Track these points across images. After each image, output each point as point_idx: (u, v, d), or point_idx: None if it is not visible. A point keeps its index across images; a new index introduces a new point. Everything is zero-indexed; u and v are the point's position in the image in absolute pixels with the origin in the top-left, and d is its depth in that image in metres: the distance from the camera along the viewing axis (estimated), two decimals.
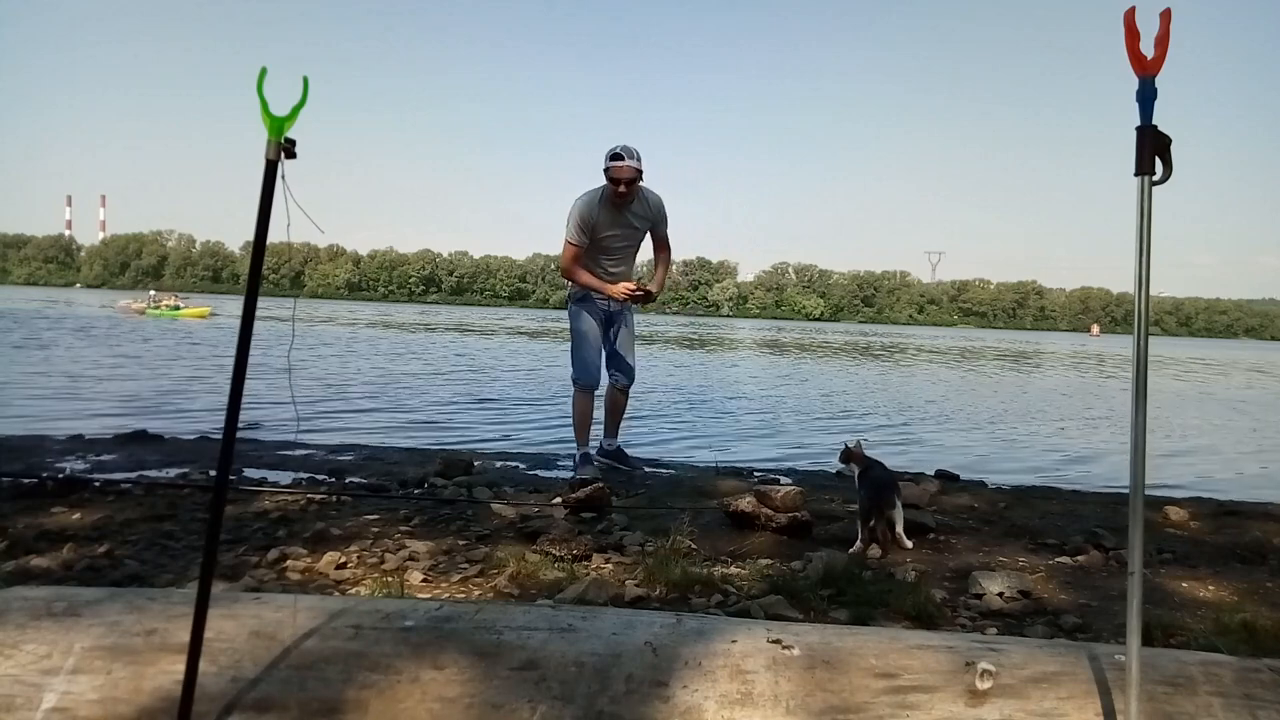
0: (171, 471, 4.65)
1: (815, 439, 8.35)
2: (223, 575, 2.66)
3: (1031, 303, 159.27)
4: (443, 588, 2.71)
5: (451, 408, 9.70)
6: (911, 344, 45.34)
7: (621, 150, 4.56)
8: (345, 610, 1.65)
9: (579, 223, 4.66)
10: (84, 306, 43.23)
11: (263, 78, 1.41)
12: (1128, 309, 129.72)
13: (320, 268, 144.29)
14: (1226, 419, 12.59)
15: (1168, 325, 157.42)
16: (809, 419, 10.20)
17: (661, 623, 1.64)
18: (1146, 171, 1.41)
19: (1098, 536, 3.62)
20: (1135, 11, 1.36)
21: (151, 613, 1.62)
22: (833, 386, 15.51)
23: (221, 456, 1.45)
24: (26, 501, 3.65)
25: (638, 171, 4.63)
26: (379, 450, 6.09)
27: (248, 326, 1.46)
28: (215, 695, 1.47)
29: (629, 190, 4.63)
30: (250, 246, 1.46)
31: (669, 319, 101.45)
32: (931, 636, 1.66)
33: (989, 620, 2.60)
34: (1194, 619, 2.63)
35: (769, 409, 11.08)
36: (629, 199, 4.69)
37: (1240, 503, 5.07)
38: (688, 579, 2.75)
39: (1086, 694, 1.46)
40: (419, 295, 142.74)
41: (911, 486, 4.31)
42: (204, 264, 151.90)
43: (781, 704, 1.45)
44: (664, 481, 4.99)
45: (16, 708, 1.45)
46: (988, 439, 9.18)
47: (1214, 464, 8.04)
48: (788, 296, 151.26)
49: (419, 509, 3.78)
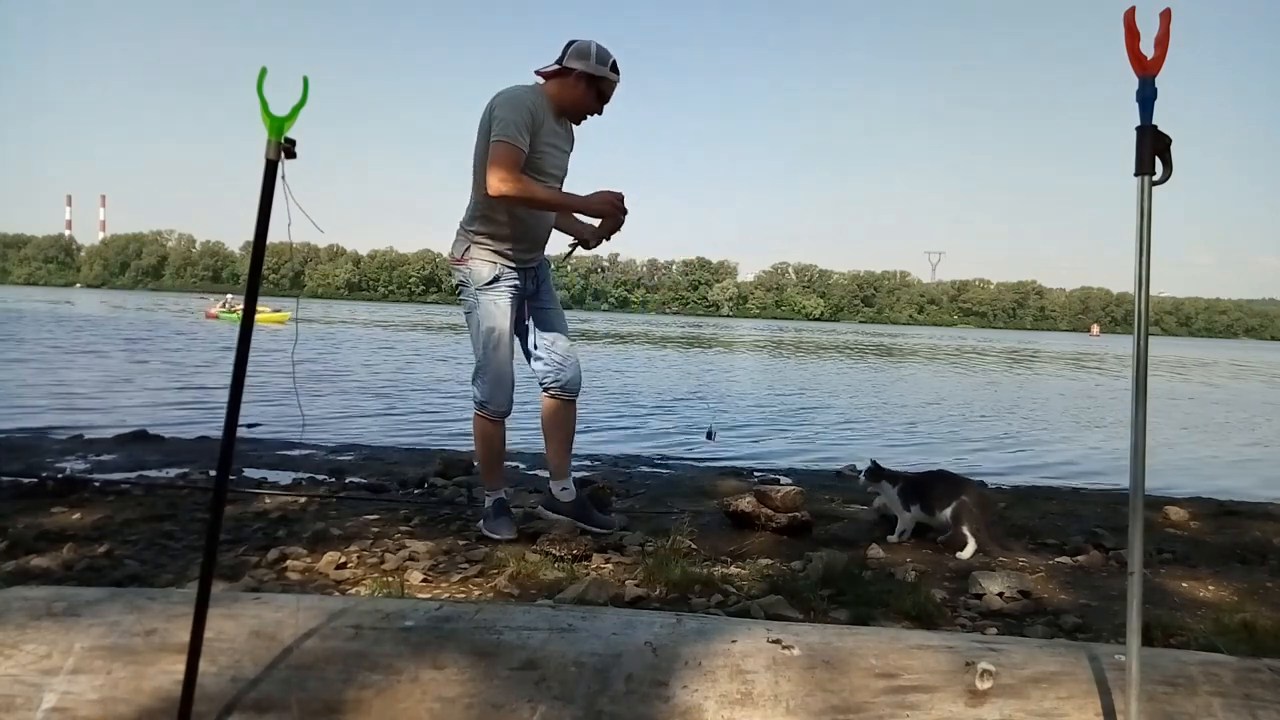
0: (171, 471, 4.65)
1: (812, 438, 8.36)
2: (223, 575, 2.66)
3: (1031, 303, 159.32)
4: (443, 588, 2.71)
5: (451, 407, 9.71)
6: (913, 344, 45.34)
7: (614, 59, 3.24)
8: (345, 610, 1.65)
9: (523, 120, 3.06)
10: (166, 311, 41.86)
11: (263, 78, 1.41)
12: (1128, 309, 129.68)
13: (320, 268, 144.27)
14: (1215, 416, 12.59)
15: (1168, 325, 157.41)
16: (809, 420, 10.21)
17: (661, 623, 1.64)
18: (1146, 171, 1.41)
19: (1098, 536, 3.63)
20: (1135, 11, 1.36)
21: (151, 613, 1.62)
22: (836, 387, 15.51)
23: (221, 456, 1.45)
24: (26, 501, 3.65)
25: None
26: (379, 450, 6.10)
27: (248, 326, 1.46)
28: (215, 695, 1.47)
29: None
30: (250, 246, 1.46)
31: (670, 319, 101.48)
32: (931, 636, 1.66)
33: (989, 620, 2.60)
34: (1194, 619, 2.63)
35: (769, 409, 11.08)
36: (580, 120, 3.34)
37: (1240, 503, 5.07)
38: (688, 579, 2.75)
39: (1086, 694, 1.46)
40: (419, 295, 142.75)
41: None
42: (204, 264, 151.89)
43: (781, 704, 1.45)
44: (664, 481, 4.99)
45: (16, 708, 1.45)
46: (989, 439, 9.18)
47: (1214, 464, 8.05)
48: (788, 296, 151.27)
49: (419, 509, 3.78)
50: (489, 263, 3.20)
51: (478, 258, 3.21)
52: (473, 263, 3.20)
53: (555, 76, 3.21)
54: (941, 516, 3.36)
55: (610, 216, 3.26)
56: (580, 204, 3.23)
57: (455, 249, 3.27)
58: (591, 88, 3.20)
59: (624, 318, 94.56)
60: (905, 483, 3.44)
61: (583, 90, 3.19)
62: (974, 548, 3.29)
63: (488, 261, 3.20)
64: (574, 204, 3.24)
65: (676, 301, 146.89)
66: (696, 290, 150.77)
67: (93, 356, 14.62)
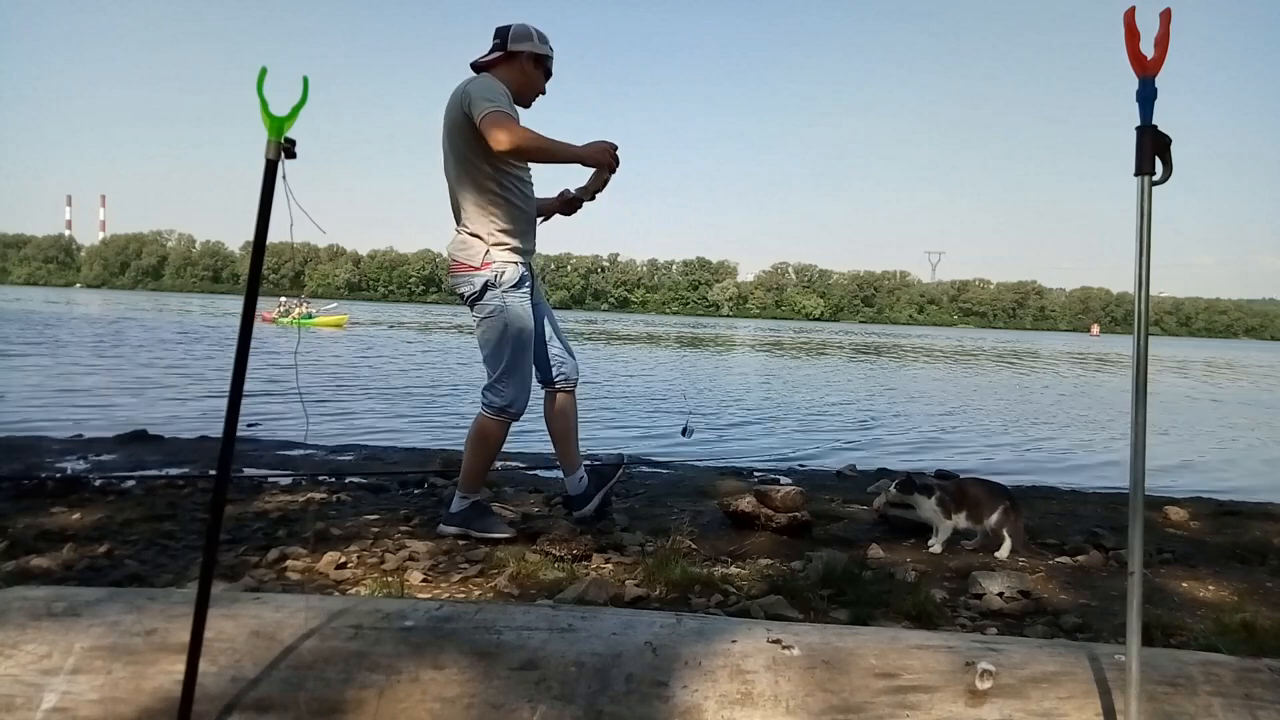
0: (171, 471, 4.64)
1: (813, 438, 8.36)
2: (223, 575, 2.66)
3: (1031, 303, 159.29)
4: (443, 588, 2.71)
5: (452, 406, 9.71)
6: (913, 344, 45.33)
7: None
8: (345, 610, 1.64)
9: (507, 97, 3.08)
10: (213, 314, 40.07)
11: (263, 78, 1.41)
12: (1128, 309, 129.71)
13: (320, 268, 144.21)
14: (1215, 416, 12.59)
15: (1168, 325, 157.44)
16: (808, 420, 10.21)
17: (661, 623, 1.64)
18: (1146, 171, 1.41)
19: (1098, 536, 3.63)
20: (1135, 11, 1.36)
21: (151, 613, 1.62)
22: (836, 386, 15.51)
23: (221, 456, 1.45)
24: (26, 501, 3.65)
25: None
26: (379, 450, 6.10)
27: (248, 326, 1.46)
28: (215, 695, 1.47)
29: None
30: (250, 246, 1.46)
31: (670, 319, 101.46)
32: (931, 636, 1.66)
33: (989, 620, 2.59)
34: (1194, 619, 2.63)
35: (772, 410, 11.09)
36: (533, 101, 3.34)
37: (1240, 503, 5.07)
38: (688, 579, 2.75)
39: (1086, 694, 1.46)
40: (419, 295, 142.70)
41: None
42: (204, 264, 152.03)
43: (781, 704, 1.45)
44: (664, 481, 4.99)
45: (16, 708, 1.45)
46: (989, 438, 9.18)
47: (1214, 464, 8.05)
48: (788, 296, 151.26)
49: (419, 509, 3.78)
50: (514, 263, 3.17)
51: (500, 259, 3.14)
52: (498, 265, 3.13)
53: (500, 64, 3.21)
54: (988, 524, 3.37)
55: (605, 166, 3.26)
56: (578, 153, 3.18)
57: (469, 255, 3.15)
58: (539, 67, 3.24)
59: (624, 317, 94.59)
60: (942, 493, 3.42)
61: (532, 71, 3.22)
62: (1010, 547, 3.32)
63: (512, 262, 3.16)
64: (573, 153, 3.17)
65: (676, 302, 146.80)
66: (696, 290, 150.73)
67: (196, 367, 13.44)
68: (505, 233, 3.15)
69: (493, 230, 3.14)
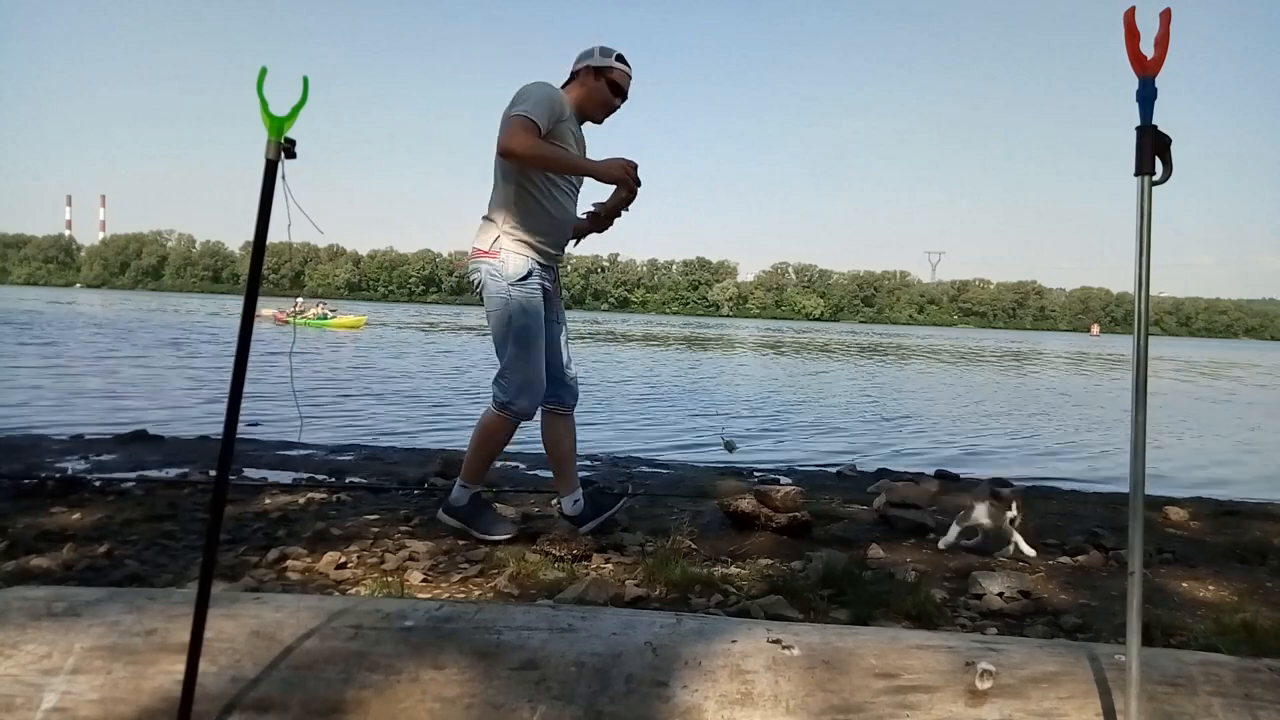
0: (171, 471, 4.64)
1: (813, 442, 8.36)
2: (223, 575, 2.66)
3: (1031, 303, 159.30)
4: (443, 588, 2.71)
5: (451, 407, 9.70)
6: (914, 344, 45.33)
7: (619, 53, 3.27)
8: (345, 610, 1.64)
9: (548, 108, 3.02)
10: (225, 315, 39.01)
11: (263, 78, 1.41)
12: (1128, 309, 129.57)
13: (320, 268, 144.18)
14: (1215, 416, 12.59)
15: (1168, 325, 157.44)
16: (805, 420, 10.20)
17: (661, 623, 1.64)
18: (1146, 171, 1.41)
19: (1098, 536, 3.62)
20: (1135, 11, 1.36)
21: (151, 613, 1.62)
22: (835, 386, 15.50)
23: (221, 456, 1.45)
24: (26, 501, 3.65)
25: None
26: (379, 450, 6.10)
27: (247, 327, 1.46)
28: (215, 695, 1.47)
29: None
30: (250, 246, 1.46)
31: (670, 319, 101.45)
32: (931, 636, 1.66)
33: (989, 620, 2.59)
34: (1194, 619, 2.63)
35: (770, 410, 11.08)
36: (604, 115, 3.33)
37: (1240, 503, 5.07)
38: (688, 579, 2.75)
39: (1086, 694, 1.46)
40: (419, 295, 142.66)
41: (911, 486, 4.30)
42: (204, 264, 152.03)
43: (781, 704, 1.45)
44: (664, 481, 4.99)
45: (16, 708, 1.45)
46: (989, 438, 9.18)
47: (1214, 464, 8.04)
48: (788, 296, 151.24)
49: (419, 509, 3.78)
50: (522, 256, 3.11)
51: (509, 250, 3.10)
52: (505, 254, 3.09)
53: (570, 83, 3.25)
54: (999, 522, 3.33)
55: (623, 184, 3.18)
56: (594, 168, 3.13)
57: (481, 239, 3.13)
58: (601, 79, 3.21)
59: (625, 317, 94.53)
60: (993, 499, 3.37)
61: (594, 84, 3.21)
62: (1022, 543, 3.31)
63: (520, 255, 3.11)
64: (588, 168, 3.14)
65: (676, 302, 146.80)
66: (696, 290, 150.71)
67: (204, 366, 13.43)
68: (522, 228, 3.12)
69: (509, 220, 3.11)
